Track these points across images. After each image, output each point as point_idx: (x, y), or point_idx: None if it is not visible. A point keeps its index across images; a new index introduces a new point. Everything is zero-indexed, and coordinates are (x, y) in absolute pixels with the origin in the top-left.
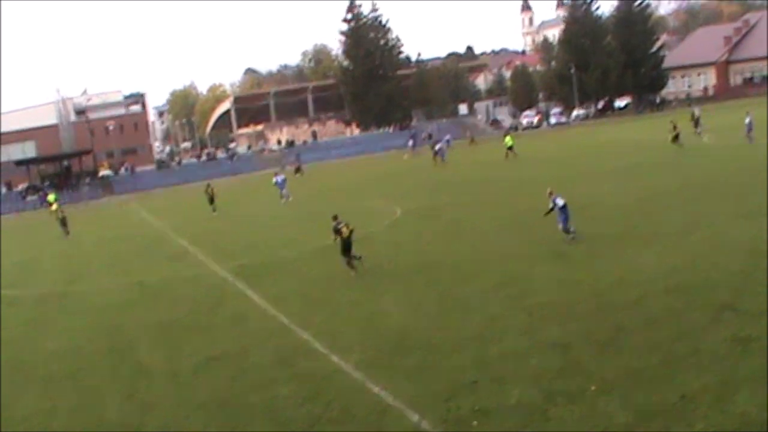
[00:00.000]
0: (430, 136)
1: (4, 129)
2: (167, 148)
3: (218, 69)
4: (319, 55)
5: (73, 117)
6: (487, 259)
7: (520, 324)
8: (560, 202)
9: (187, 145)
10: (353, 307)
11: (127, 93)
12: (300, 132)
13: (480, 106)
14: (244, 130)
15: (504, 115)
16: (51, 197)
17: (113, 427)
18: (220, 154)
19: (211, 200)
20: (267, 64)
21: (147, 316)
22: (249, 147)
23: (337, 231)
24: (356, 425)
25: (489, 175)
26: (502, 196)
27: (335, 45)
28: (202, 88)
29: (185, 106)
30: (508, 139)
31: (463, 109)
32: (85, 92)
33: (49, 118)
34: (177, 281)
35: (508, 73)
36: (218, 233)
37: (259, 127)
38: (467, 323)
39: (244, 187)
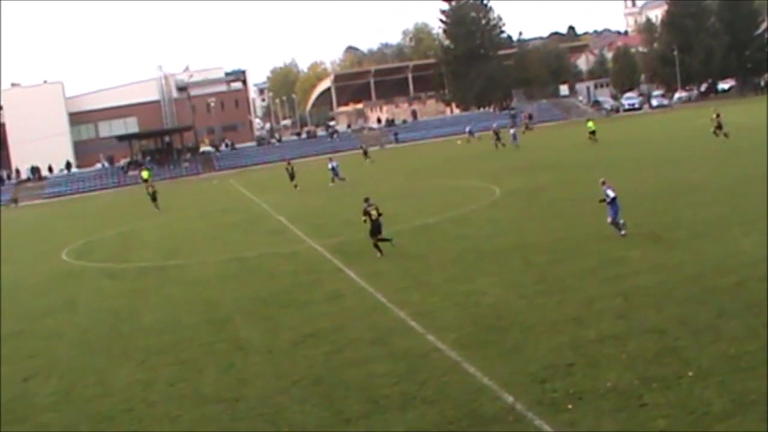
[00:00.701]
0: (530, 117)
1: (107, 104)
2: (267, 125)
3: (319, 47)
4: (420, 34)
5: (174, 93)
6: (584, 240)
7: (617, 307)
8: (611, 194)
9: (287, 122)
10: (450, 285)
11: (229, 70)
12: (400, 111)
13: (581, 87)
14: (344, 108)
15: (605, 97)
16: (145, 174)
17: (210, 401)
18: (320, 131)
19: (291, 177)
20: (367, 43)
21: (245, 291)
22: (349, 125)
23: (367, 213)
24: (451, 405)
25: (587, 157)
26: (600, 178)
27: (436, 24)
28: (303, 66)
29: (286, 83)
30: (590, 123)
31: (563, 89)
32: (186, 69)
33: (151, 95)
34: (275, 257)
35: (609, 54)
36: (316, 210)
37: (359, 106)
38: (564, 305)
39: (343, 165)
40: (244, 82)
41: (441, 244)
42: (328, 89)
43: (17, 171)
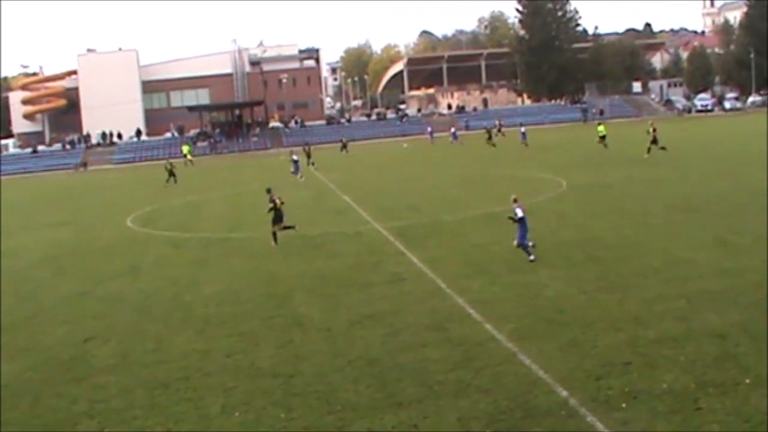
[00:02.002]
0: (601, 112)
1: (180, 75)
2: (338, 105)
3: (394, 29)
4: (495, 22)
5: (247, 67)
6: (650, 239)
7: (678, 309)
8: (519, 213)
9: (357, 102)
10: (511, 276)
11: (302, 47)
12: (471, 98)
13: (654, 85)
14: (415, 92)
15: (678, 96)
16: (185, 149)
17: (265, 374)
18: (390, 114)
19: (308, 156)
20: (442, 28)
21: (306, 268)
22: (419, 109)
23: (273, 202)
24: (504, 395)
25: (657, 156)
26: (670, 177)
27: (512, 13)
28: (377, 48)
29: (358, 64)
30: (601, 128)
31: (636, 86)
32: (261, 44)
33: (224, 67)
34: (338, 236)
35: (685, 54)
36: (381, 192)
37: (431, 90)
38: (624, 303)
39: (412, 148)
40: (317, 60)
41: (505, 233)
42: (401, 72)
43: (88, 135)
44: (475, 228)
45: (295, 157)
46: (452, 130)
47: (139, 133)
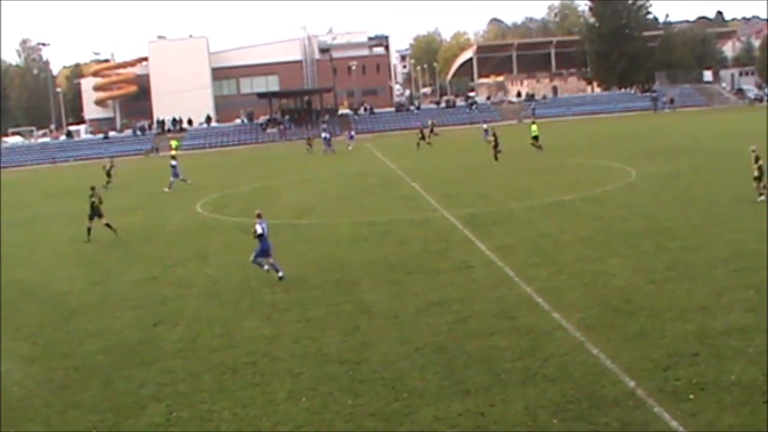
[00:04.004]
0: (671, 101)
1: (250, 62)
2: (407, 92)
3: (463, 17)
4: (565, 10)
5: (317, 54)
6: (719, 230)
7: (747, 300)
8: (258, 229)
9: (426, 90)
10: (580, 265)
11: (372, 35)
12: (540, 86)
13: (725, 74)
14: (484, 80)
15: (749, 85)
16: (173, 143)
17: (332, 360)
18: (459, 101)
19: (310, 145)
20: (512, 16)
21: (374, 255)
22: (488, 97)
23: (92, 201)
24: (571, 384)
25: (728, 145)
26: (740, 167)
27: (582, 1)
28: (446, 35)
29: (428, 51)
30: (534, 127)
31: (707, 75)
32: (330, 31)
33: (294, 54)
34: (406, 223)
35: (757, 42)
36: (449, 180)
37: (500, 78)
38: (693, 293)
39: (481, 136)
40: (387, 47)
41: (573, 222)
42: (470, 60)
43: (159, 121)
44: (544, 216)
45: (173, 162)
46: (348, 132)
47: (209, 119)
